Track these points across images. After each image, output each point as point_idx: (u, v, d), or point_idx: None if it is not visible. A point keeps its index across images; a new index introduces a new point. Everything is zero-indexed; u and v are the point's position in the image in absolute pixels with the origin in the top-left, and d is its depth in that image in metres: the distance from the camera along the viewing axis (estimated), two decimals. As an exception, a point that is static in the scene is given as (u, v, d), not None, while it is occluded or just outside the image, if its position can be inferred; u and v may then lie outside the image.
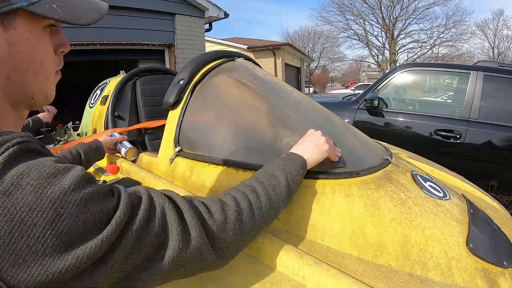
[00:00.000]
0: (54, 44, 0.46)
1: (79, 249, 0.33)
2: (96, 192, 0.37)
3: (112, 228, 0.36)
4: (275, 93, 1.14)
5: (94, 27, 4.39)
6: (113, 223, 0.36)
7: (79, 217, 0.34)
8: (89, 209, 0.35)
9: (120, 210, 0.38)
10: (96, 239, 0.34)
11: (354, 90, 16.01)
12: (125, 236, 0.37)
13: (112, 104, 1.62)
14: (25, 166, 0.33)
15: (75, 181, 0.35)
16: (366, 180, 0.82)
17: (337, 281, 0.55)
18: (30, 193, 0.32)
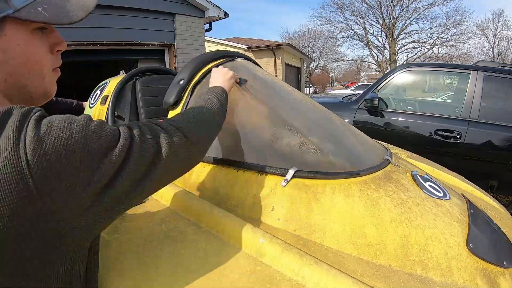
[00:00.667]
0: (49, 44, 0.49)
1: (108, 158, 0.44)
2: (102, 122, 0.47)
3: (123, 140, 0.46)
4: (275, 93, 1.14)
5: (94, 27, 4.39)
6: (122, 137, 0.47)
7: (100, 136, 0.44)
8: (104, 129, 0.45)
9: (123, 131, 0.48)
10: (115, 151, 0.45)
11: (354, 90, 16.01)
12: (133, 146, 0.48)
13: (112, 104, 1.62)
14: (51, 117, 0.42)
15: (87, 117, 0.45)
16: (366, 180, 0.82)
17: (337, 281, 0.55)
18: (62, 128, 0.41)
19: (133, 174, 0.47)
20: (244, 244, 0.67)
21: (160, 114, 1.62)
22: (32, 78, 0.47)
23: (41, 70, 0.48)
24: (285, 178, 0.79)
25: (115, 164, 0.44)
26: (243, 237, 0.67)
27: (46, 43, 0.49)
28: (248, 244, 0.66)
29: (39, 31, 0.47)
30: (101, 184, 0.43)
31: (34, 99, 0.50)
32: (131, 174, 0.47)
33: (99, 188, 0.43)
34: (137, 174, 0.48)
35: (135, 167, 0.47)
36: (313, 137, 0.92)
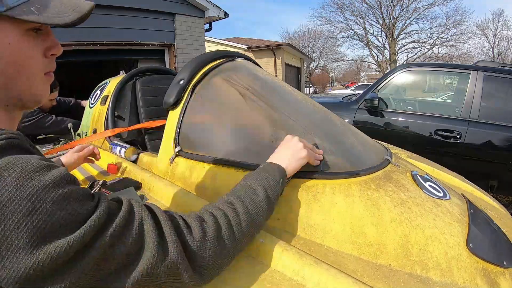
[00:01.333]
0: (43, 46, 0.47)
1: (51, 245, 0.34)
2: (75, 193, 0.38)
3: (86, 229, 0.36)
4: (275, 93, 1.14)
5: (94, 27, 4.40)
6: (88, 224, 0.37)
7: (54, 214, 0.34)
8: (65, 207, 0.36)
9: (97, 213, 0.38)
10: (69, 238, 0.35)
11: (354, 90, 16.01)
12: (99, 240, 0.37)
13: (112, 104, 1.62)
14: (10, 159, 0.34)
15: (56, 179, 0.36)
16: (366, 180, 0.82)
17: (337, 281, 0.55)
18: (10, 184, 0.33)
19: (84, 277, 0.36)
20: (244, 244, 0.66)
21: (160, 114, 1.62)
22: (20, 80, 0.44)
23: (31, 72, 0.46)
24: (285, 178, 0.79)
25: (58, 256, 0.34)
26: (243, 237, 0.67)
27: (40, 45, 0.47)
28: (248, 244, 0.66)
29: (33, 32, 0.45)
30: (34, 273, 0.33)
31: (23, 103, 0.47)
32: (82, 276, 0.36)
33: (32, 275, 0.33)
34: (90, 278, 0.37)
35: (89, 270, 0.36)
36: (313, 137, 0.92)
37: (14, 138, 0.38)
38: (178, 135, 1.00)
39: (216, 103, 1.04)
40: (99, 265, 0.37)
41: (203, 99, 1.04)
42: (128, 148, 1.26)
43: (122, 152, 1.26)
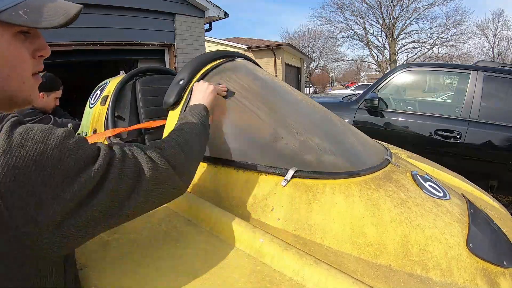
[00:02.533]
0: (32, 48, 0.50)
1: (81, 178, 0.43)
2: (83, 139, 0.48)
3: (101, 160, 0.46)
4: (275, 93, 1.14)
5: (94, 27, 4.39)
6: (102, 157, 0.47)
7: (77, 153, 0.44)
8: (82, 147, 0.45)
9: (103, 150, 0.49)
10: (92, 169, 0.45)
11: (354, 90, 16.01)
12: (112, 165, 0.48)
13: (112, 104, 1.62)
14: (28, 126, 0.42)
15: (67, 131, 0.45)
16: (366, 180, 0.82)
17: (337, 281, 0.55)
18: (37, 142, 0.40)
19: (110, 195, 0.46)
20: (244, 244, 0.67)
21: (160, 114, 1.62)
22: (11, 81, 0.47)
23: (21, 74, 0.48)
24: (285, 178, 0.79)
25: (89, 183, 0.44)
26: (243, 237, 0.67)
27: (29, 47, 0.49)
28: (248, 244, 0.66)
29: (22, 35, 0.47)
30: (74, 203, 0.42)
31: (14, 104, 0.50)
32: (108, 195, 0.46)
33: (71, 206, 0.42)
34: (114, 195, 0.47)
35: (111, 188, 0.47)
36: (313, 137, 0.92)
37: (20, 117, 0.44)
38: (178, 135, 1.00)
39: (216, 103, 1.04)
40: (117, 184, 0.47)
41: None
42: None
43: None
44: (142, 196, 0.51)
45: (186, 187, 0.64)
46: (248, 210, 0.78)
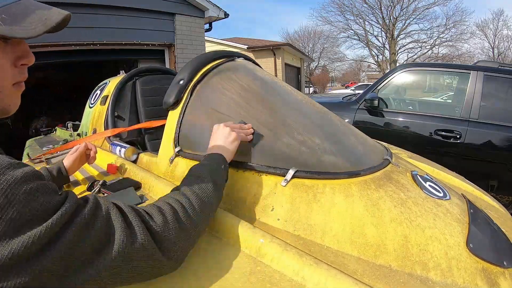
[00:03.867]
0: (14, 56, 0.46)
1: (26, 235, 0.36)
2: (45, 186, 0.41)
3: (58, 217, 0.39)
4: (275, 93, 1.14)
5: (94, 27, 4.39)
6: (59, 213, 0.40)
7: (28, 204, 0.37)
8: (37, 198, 0.39)
9: (67, 204, 0.42)
10: (41, 226, 0.37)
11: (354, 90, 16.00)
12: (70, 227, 0.40)
13: (112, 104, 1.62)
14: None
15: (27, 174, 0.39)
16: (366, 180, 0.82)
17: (337, 281, 0.55)
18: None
19: (58, 260, 0.39)
20: (244, 244, 0.66)
21: (160, 114, 1.62)
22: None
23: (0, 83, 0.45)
24: (285, 178, 0.79)
25: (33, 242, 0.36)
26: (243, 237, 0.67)
27: (9, 54, 0.46)
28: (248, 244, 0.66)
29: (2, 42, 0.44)
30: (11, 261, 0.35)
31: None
32: (55, 260, 0.38)
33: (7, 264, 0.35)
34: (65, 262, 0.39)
35: (60, 255, 0.39)
36: (313, 137, 0.92)
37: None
38: (178, 135, 1.00)
39: (216, 103, 1.04)
40: (71, 252, 0.40)
41: (203, 99, 1.04)
42: (128, 148, 1.26)
43: (122, 152, 1.26)
44: (103, 271, 0.43)
45: (176, 265, 0.55)
46: (248, 210, 0.78)
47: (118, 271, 0.45)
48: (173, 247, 0.52)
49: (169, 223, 0.53)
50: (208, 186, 0.64)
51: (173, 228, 0.53)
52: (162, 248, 0.50)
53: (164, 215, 0.53)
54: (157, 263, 0.50)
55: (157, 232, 0.50)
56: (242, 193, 0.81)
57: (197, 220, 0.58)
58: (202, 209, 0.60)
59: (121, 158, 1.26)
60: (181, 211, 0.56)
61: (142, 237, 0.47)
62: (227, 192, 0.83)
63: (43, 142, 2.34)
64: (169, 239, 0.52)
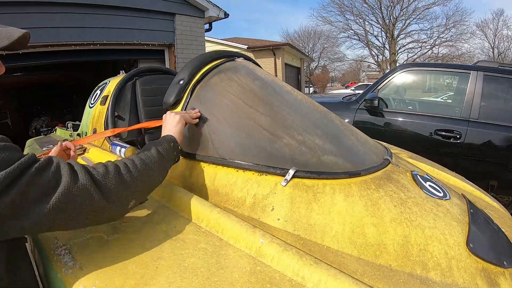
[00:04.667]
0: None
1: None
2: (9, 146, 0.52)
3: (15, 166, 0.49)
4: (275, 93, 1.14)
5: (94, 27, 4.39)
6: (19, 162, 0.50)
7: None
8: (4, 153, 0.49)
9: (25, 157, 0.52)
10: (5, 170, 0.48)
11: (354, 90, 16.01)
12: (26, 174, 0.50)
13: (112, 104, 1.61)
14: None
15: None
16: (366, 180, 0.82)
17: (337, 281, 0.55)
18: None
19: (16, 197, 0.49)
20: (244, 244, 0.66)
21: (160, 114, 1.62)
22: None
23: None
24: (285, 178, 0.79)
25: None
26: (243, 237, 0.67)
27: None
28: (248, 244, 0.66)
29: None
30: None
31: None
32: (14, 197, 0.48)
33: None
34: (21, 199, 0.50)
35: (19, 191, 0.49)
36: (313, 137, 0.92)
37: None
38: (178, 135, 1.00)
39: (216, 103, 1.04)
40: (26, 191, 0.50)
41: (203, 99, 1.04)
42: (128, 148, 1.26)
43: (122, 152, 1.26)
44: (52, 206, 0.53)
45: (116, 212, 0.64)
46: (248, 210, 0.78)
47: (64, 208, 0.54)
48: (113, 192, 0.61)
49: (110, 173, 0.62)
50: (153, 153, 0.74)
51: (113, 178, 0.62)
52: (102, 191, 0.59)
53: (107, 167, 0.64)
54: (99, 204, 0.58)
55: (98, 179, 0.60)
56: (242, 193, 0.81)
57: (137, 176, 0.67)
58: (143, 168, 0.69)
59: (121, 158, 1.25)
60: (123, 167, 0.66)
61: (84, 180, 0.57)
62: (227, 192, 0.83)
63: (43, 142, 2.34)
64: (109, 186, 0.61)
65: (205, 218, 0.75)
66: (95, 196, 0.58)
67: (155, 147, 0.77)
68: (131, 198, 0.66)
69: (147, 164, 0.71)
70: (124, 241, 0.70)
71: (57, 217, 0.54)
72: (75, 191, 0.55)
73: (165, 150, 0.78)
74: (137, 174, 0.67)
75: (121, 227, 0.75)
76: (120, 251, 0.66)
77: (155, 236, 0.71)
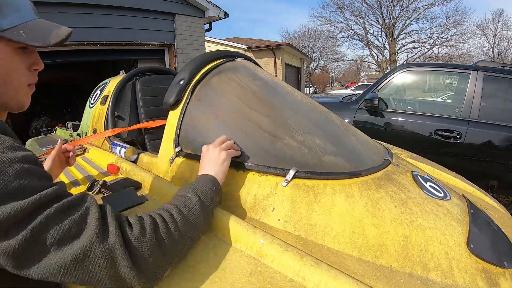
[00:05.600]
0: (28, 62, 0.58)
1: (3, 206, 0.40)
2: (38, 171, 0.46)
3: (36, 198, 0.43)
4: (275, 93, 1.14)
5: (94, 27, 4.39)
6: (39, 195, 0.43)
7: (13, 181, 0.41)
8: (24, 179, 0.43)
9: (49, 190, 0.45)
10: (19, 202, 0.41)
11: (354, 90, 16.01)
12: (45, 211, 0.43)
13: (112, 104, 1.62)
14: None
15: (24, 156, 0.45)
16: (367, 181, 0.82)
17: (338, 281, 0.55)
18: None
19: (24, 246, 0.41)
20: (244, 245, 0.66)
21: (160, 114, 1.62)
22: (6, 88, 0.55)
23: (17, 82, 0.56)
24: (285, 178, 0.79)
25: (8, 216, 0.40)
26: (243, 238, 0.67)
27: (26, 61, 0.57)
28: (249, 244, 0.66)
29: (21, 50, 0.56)
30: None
31: (8, 108, 0.57)
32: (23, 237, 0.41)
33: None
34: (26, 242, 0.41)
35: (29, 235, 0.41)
36: (313, 137, 0.92)
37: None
38: (178, 135, 1.00)
39: (216, 103, 1.04)
40: (39, 234, 0.42)
41: (203, 99, 1.04)
42: (128, 148, 1.26)
43: (122, 152, 1.26)
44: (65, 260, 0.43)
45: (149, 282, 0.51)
46: (248, 211, 0.78)
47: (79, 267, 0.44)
48: (146, 260, 0.50)
49: (146, 235, 0.51)
50: (195, 205, 0.62)
51: (149, 240, 0.51)
52: (134, 258, 0.49)
53: (143, 227, 0.52)
54: (123, 269, 0.47)
55: (131, 241, 0.49)
56: (243, 193, 0.81)
57: (178, 238, 0.57)
58: (185, 228, 0.59)
59: (121, 158, 1.26)
60: (162, 226, 0.55)
61: (113, 240, 0.47)
62: (227, 192, 0.83)
63: (43, 142, 2.34)
64: (143, 251, 0.50)
65: (205, 219, 0.74)
66: (123, 263, 0.47)
67: (195, 193, 0.64)
68: (168, 266, 0.55)
69: (189, 221, 0.60)
70: (124, 242, 0.70)
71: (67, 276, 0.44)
72: (98, 250, 0.45)
73: (208, 197, 0.66)
74: (177, 234, 0.56)
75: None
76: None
77: (156, 236, 0.71)
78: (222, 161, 0.75)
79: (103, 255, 0.45)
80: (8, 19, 0.52)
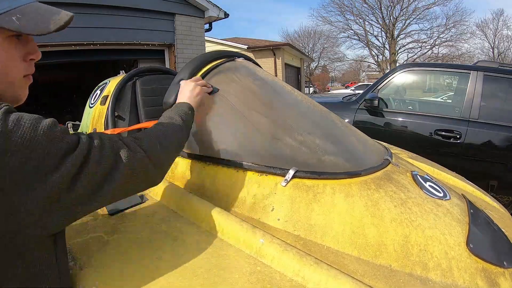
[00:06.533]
0: (24, 52, 0.53)
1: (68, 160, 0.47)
2: (66, 129, 0.51)
3: (82, 145, 0.50)
4: (275, 93, 1.14)
5: (94, 27, 4.39)
6: (81, 143, 0.50)
7: (63, 140, 0.47)
8: (65, 136, 0.49)
9: (83, 138, 0.52)
10: (75, 154, 0.48)
11: (354, 90, 16.02)
12: (91, 151, 0.51)
13: (112, 104, 1.61)
14: (19, 114, 0.45)
15: (53, 121, 0.48)
16: (367, 180, 0.82)
17: (338, 281, 0.55)
18: (28, 128, 0.44)
19: (90, 179, 0.50)
20: (244, 244, 0.66)
21: (160, 114, 1.62)
22: (1, 80, 0.51)
23: (11, 74, 0.52)
24: (285, 178, 0.79)
25: (72, 168, 0.47)
26: (243, 237, 0.67)
27: (20, 50, 0.52)
28: (248, 244, 0.66)
29: (15, 38, 0.51)
30: (60, 186, 0.46)
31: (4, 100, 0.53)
32: (89, 179, 0.49)
33: (57, 188, 0.45)
34: (94, 180, 0.50)
35: (92, 173, 0.50)
36: (313, 137, 0.92)
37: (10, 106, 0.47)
38: (178, 135, 1.00)
39: (216, 103, 1.04)
40: (97, 168, 0.51)
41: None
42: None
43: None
44: (120, 179, 0.54)
45: (160, 178, 0.67)
46: (248, 210, 0.78)
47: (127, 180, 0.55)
48: (159, 160, 0.63)
49: (153, 144, 0.64)
50: (178, 120, 0.77)
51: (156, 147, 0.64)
52: (152, 161, 0.61)
53: (151, 138, 0.65)
54: (150, 173, 0.61)
55: (147, 149, 0.61)
56: (242, 193, 0.81)
57: (171, 141, 0.70)
58: (175, 134, 0.73)
59: None
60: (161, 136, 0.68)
61: (139, 152, 0.58)
62: (227, 192, 0.83)
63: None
64: (155, 155, 0.63)
65: (205, 218, 0.75)
66: (148, 166, 0.60)
67: (178, 114, 0.79)
68: (170, 161, 0.71)
69: (176, 129, 0.74)
70: (124, 241, 0.70)
71: (122, 189, 0.56)
72: (135, 164, 0.57)
73: (186, 114, 0.81)
74: (170, 139, 0.70)
75: (121, 227, 0.75)
76: (120, 251, 0.66)
77: (155, 236, 0.71)
78: (196, 94, 0.90)
79: (138, 164, 0.57)
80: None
